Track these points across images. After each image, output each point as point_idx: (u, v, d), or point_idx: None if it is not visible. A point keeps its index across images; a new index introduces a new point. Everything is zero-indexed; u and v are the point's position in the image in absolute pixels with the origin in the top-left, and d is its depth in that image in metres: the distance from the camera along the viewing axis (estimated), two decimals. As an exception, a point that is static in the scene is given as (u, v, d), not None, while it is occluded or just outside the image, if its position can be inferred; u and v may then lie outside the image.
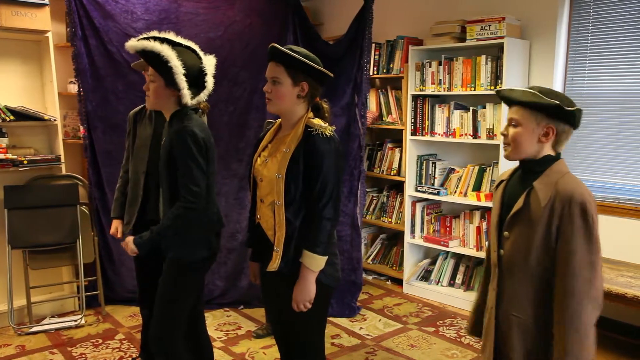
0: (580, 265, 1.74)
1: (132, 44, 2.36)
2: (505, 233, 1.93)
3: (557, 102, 1.78)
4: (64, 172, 4.19)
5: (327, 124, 2.16)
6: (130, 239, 2.43)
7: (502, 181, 2.05)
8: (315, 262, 2.10)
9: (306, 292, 2.12)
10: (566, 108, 1.79)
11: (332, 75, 2.17)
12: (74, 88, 4.40)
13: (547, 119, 1.83)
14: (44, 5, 3.92)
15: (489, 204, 4.22)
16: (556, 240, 1.79)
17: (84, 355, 3.56)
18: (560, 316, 1.77)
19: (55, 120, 4.08)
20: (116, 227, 3.24)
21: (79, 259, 4.02)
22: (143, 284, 3.22)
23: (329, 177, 2.08)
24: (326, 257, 2.13)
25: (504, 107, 3.95)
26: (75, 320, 4.02)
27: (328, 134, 2.12)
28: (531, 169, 1.90)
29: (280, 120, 2.27)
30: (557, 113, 1.81)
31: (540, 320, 1.85)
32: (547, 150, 1.88)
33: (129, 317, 4.17)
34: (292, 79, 2.10)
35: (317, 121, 2.15)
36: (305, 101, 2.17)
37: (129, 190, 3.15)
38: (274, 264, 2.14)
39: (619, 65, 3.83)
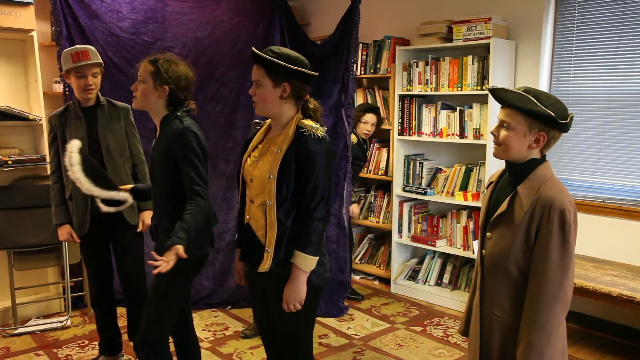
0: (552, 268, 1.79)
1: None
2: (488, 234, 1.97)
3: (552, 114, 1.79)
4: (49, 172, 4.14)
5: (318, 125, 2.17)
6: (179, 248, 2.19)
7: (491, 183, 2.09)
8: (306, 263, 2.11)
9: (297, 293, 2.13)
10: (560, 121, 1.80)
11: (315, 74, 2.17)
12: (59, 87, 4.37)
13: (539, 126, 1.84)
14: (28, 4, 3.88)
15: (476, 204, 4.24)
16: (534, 242, 1.84)
17: (69, 357, 3.53)
18: (529, 313, 1.84)
19: (40, 120, 4.04)
20: (69, 232, 3.17)
21: (64, 260, 3.99)
22: (101, 283, 3.27)
23: (320, 178, 2.10)
24: (317, 258, 2.14)
25: (491, 107, 3.98)
26: (61, 322, 3.99)
27: (320, 135, 2.13)
28: (517, 173, 1.93)
29: (269, 120, 2.28)
30: (551, 123, 1.82)
31: (519, 320, 1.89)
32: (534, 154, 1.90)
33: (115, 318, 4.14)
34: (272, 80, 2.11)
35: (308, 122, 2.16)
36: (292, 102, 2.17)
37: (72, 193, 3.10)
38: (265, 265, 2.14)
39: (604, 66, 3.87)
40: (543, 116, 1.80)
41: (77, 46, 3.11)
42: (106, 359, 3.38)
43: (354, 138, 4.38)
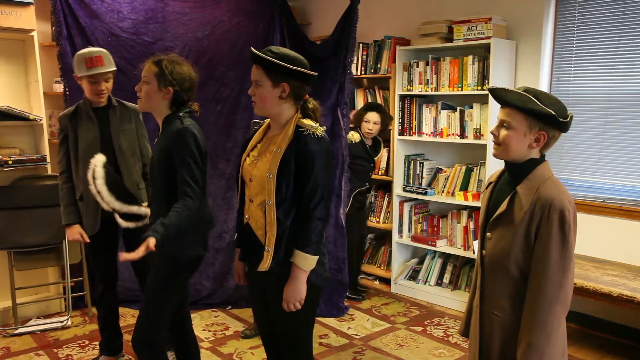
0: (552, 269, 1.79)
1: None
2: (488, 234, 1.97)
3: (553, 113, 1.79)
4: (49, 172, 4.15)
5: (317, 124, 2.17)
6: (151, 241, 2.19)
7: (490, 183, 2.09)
8: (306, 262, 2.11)
9: (297, 292, 2.13)
10: (561, 119, 1.80)
11: (314, 73, 2.17)
12: (59, 87, 4.36)
13: (539, 125, 1.84)
14: (29, 4, 3.88)
15: (476, 204, 4.24)
16: (534, 242, 1.84)
17: (70, 357, 3.53)
18: (529, 313, 1.84)
19: (40, 120, 4.04)
20: (79, 232, 3.15)
21: (65, 259, 3.99)
22: (106, 283, 3.28)
23: (320, 177, 2.10)
24: (317, 257, 2.14)
25: (491, 107, 3.97)
26: (62, 322, 3.99)
27: (319, 134, 2.13)
28: (516, 173, 1.93)
29: (268, 120, 2.28)
30: (551, 122, 1.82)
31: (519, 320, 1.89)
32: (534, 154, 1.90)
33: (115, 318, 4.14)
34: (271, 80, 2.11)
35: (307, 121, 2.16)
36: (291, 101, 2.17)
37: (84, 194, 3.09)
38: (265, 264, 2.15)
39: (604, 66, 3.87)
40: (543, 115, 1.80)
41: (91, 49, 3.07)
42: (107, 359, 3.39)
43: (356, 137, 4.38)
